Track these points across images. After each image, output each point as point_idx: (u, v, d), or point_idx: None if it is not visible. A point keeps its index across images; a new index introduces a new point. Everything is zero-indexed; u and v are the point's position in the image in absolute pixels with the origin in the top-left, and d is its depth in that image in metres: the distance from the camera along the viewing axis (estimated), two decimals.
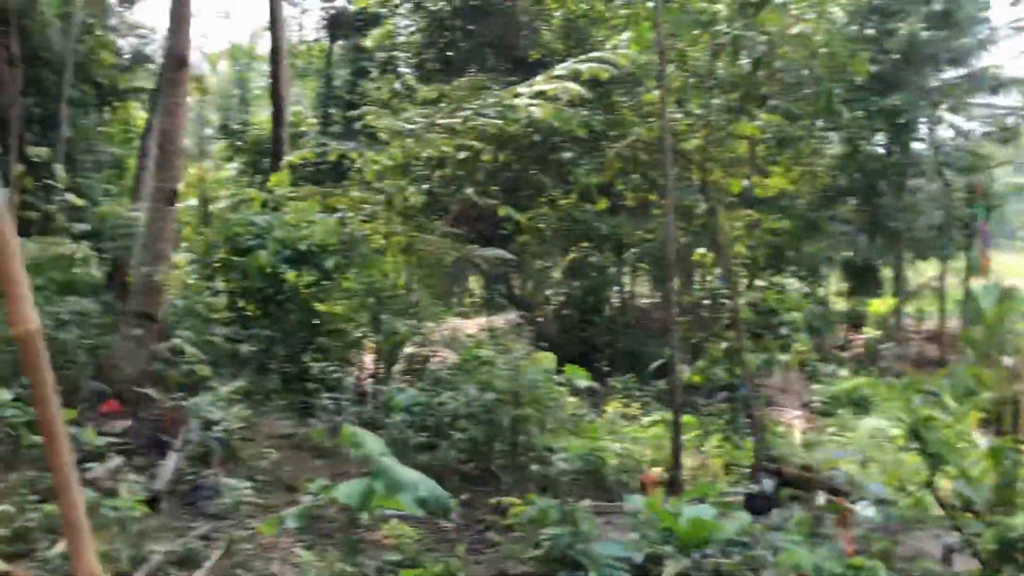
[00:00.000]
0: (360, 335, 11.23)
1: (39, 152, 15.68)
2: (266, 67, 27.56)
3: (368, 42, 23.44)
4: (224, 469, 7.14)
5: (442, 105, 14.33)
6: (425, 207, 15.11)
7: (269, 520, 5.37)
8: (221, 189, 16.90)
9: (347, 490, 4.76)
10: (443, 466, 7.24)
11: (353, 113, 20.87)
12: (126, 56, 21.19)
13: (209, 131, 30.68)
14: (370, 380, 10.69)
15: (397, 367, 10.94)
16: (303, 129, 25.36)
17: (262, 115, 28.49)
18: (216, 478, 6.83)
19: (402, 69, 21.76)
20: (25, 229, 14.88)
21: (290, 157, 17.21)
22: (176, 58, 9.60)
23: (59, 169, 13.14)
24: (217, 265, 11.09)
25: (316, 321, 10.62)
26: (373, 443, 4.99)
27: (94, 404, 8.26)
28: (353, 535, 5.66)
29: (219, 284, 10.99)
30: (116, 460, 6.92)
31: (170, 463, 7.12)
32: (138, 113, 22.60)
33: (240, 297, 10.87)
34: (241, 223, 11.03)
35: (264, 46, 31.03)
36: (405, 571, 4.77)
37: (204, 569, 5.38)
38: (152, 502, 6.26)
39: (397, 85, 18.76)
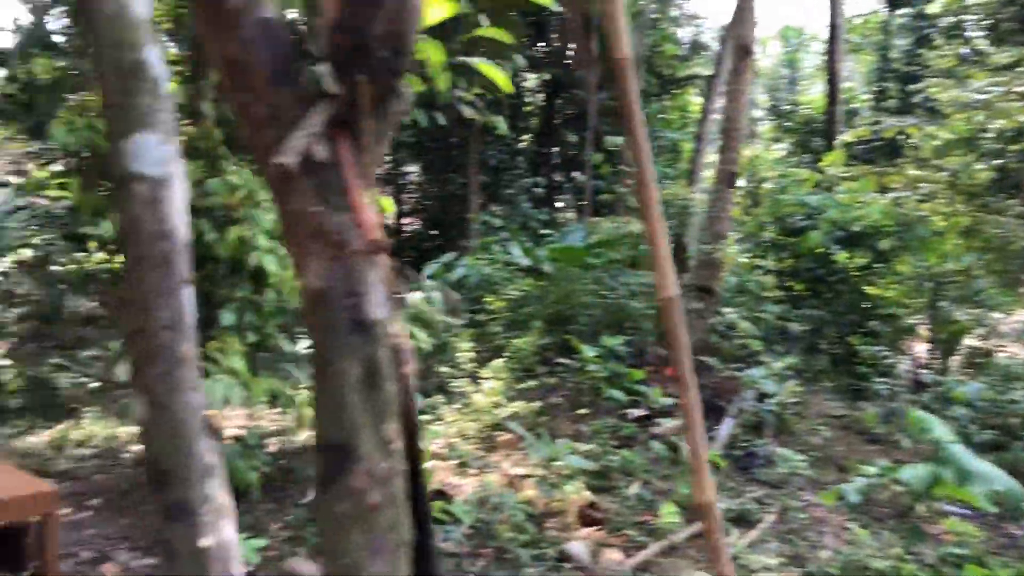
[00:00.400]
0: (914, 321, 10.70)
1: (613, 141, 17.67)
2: (817, 46, 27.27)
3: (932, 8, 21.75)
4: (776, 440, 7.46)
5: (1020, 70, 12.84)
6: (994, 185, 13.68)
7: (829, 492, 5.52)
8: (769, 170, 17.20)
9: (912, 473, 4.68)
10: (1012, 468, 6.63)
11: (912, 87, 19.69)
12: (684, 45, 22.54)
13: (758, 113, 31.20)
14: (925, 369, 10.15)
15: (955, 358, 10.22)
16: (854, 106, 24.56)
17: (810, 94, 28.23)
18: (769, 448, 7.18)
19: (970, 33, 19.79)
20: (601, 210, 17.01)
21: (845, 136, 16.92)
22: (741, 47, 10.06)
23: (629, 156, 14.63)
24: (767, 245, 11.43)
25: (867, 304, 10.36)
26: (942, 430, 4.83)
27: (659, 368, 9.17)
28: (909, 523, 5.55)
29: (769, 263, 11.31)
30: (679, 420, 7.65)
31: (725, 428, 7.66)
32: (693, 99, 23.92)
33: (789, 277, 11.06)
34: (792, 203, 11.20)
35: (815, 25, 30.68)
36: (970, 566, 4.54)
37: (759, 529, 5.74)
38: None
39: (964, 51, 17.17)
